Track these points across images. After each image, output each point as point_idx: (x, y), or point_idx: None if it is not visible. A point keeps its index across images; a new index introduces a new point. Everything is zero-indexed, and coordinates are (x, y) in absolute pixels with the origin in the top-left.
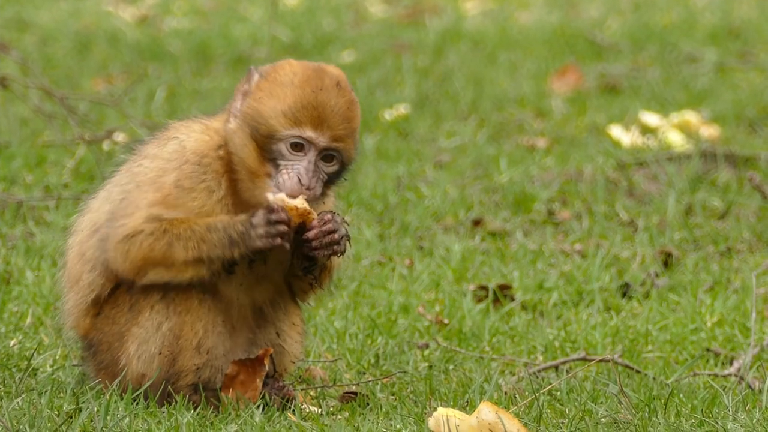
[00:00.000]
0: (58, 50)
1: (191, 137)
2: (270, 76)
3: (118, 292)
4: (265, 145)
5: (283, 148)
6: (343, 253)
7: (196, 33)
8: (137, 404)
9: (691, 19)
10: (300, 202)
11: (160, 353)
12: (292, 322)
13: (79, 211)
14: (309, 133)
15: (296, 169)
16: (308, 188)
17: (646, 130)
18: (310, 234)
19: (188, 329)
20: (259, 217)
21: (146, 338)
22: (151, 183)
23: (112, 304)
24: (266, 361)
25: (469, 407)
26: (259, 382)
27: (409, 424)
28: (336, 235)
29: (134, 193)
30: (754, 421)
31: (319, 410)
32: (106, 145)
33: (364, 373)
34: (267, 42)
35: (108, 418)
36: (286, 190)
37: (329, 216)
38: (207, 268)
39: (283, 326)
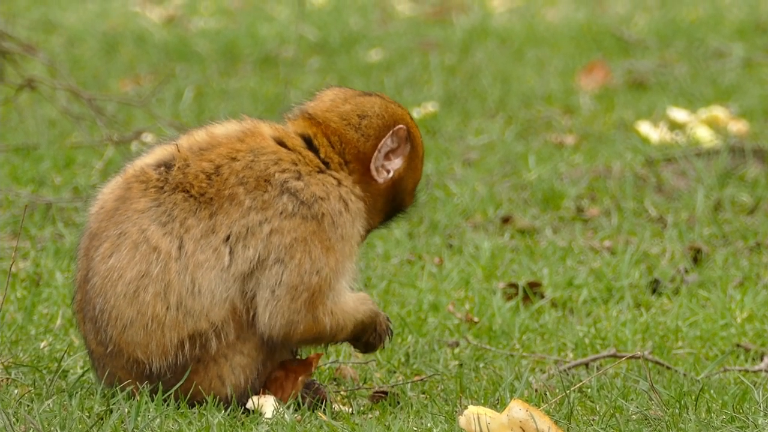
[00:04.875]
0: (85, 51)
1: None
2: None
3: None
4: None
5: None
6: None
7: (223, 33)
8: (168, 405)
9: (717, 14)
10: None
11: (250, 380)
12: None
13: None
14: None
15: None
16: None
17: (674, 126)
18: None
19: (277, 356)
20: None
21: (246, 365)
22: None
23: (217, 332)
24: (314, 365)
25: (499, 405)
26: (300, 383)
27: (440, 422)
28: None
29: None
30: None
31: (350, 409)
32: (134, 146)
33: (395, 372)
34: (294, 41)
35: (139, 419)
36: None
37: None
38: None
39: None
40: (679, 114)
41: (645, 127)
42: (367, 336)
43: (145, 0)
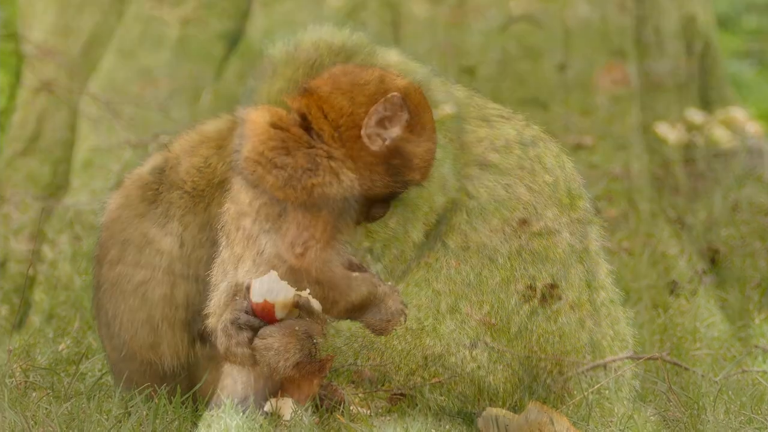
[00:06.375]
0: (102, 54)
1: None
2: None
3: None
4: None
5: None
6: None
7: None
8: (186, 407)
9: (735, 15)
10: None
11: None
12: None
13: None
14: None
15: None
16: None
17: (691, 127)
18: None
19: None
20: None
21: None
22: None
23: None
24: (328, 366)
25: (518, 407)
26: (316, 386)
27: (458, 424)
28: None
29: None
30: None
31: (368, 411)
32: (151, 149)
33: (413, 374)
34: None
35: (157, 422)
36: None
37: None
38: None
39: None
40: (696, 115)
41: (663, 129)
42: (368, 319)
43: (163, 2)
